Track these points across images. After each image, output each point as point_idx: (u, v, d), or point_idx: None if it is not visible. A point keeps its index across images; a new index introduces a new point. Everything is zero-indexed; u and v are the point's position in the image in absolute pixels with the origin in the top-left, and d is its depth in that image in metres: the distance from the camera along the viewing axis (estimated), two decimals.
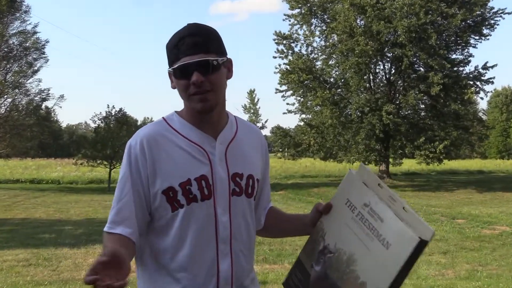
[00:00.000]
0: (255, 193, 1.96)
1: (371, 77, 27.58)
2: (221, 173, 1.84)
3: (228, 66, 1.89)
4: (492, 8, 26.29)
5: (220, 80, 1.82)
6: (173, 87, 1.86)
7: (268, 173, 2.13)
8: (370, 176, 1.82)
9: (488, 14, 26.22)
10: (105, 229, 1.81)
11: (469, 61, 26.80)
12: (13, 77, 29.09)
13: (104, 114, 28.30)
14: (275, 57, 28.04)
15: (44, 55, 29.72)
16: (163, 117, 1.93)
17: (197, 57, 1.76)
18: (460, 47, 27.07)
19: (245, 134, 1.99)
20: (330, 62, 27.61)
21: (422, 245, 1.57)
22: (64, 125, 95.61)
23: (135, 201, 1.81)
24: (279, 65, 28.04)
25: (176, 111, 1.94)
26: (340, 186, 1.90)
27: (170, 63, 1.82)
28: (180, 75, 1.79)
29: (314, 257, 1.85)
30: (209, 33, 1.82)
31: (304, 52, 28.03)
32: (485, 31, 26.47)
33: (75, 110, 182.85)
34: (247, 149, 1.96)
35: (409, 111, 27.05)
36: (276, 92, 28.56)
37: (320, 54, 28.36)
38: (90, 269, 1.35)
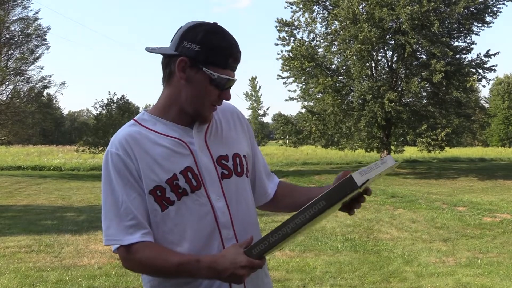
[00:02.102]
0: (246, 169, 1.94)
1: (373, 65, 27.49)
2: (205, 161, 1.83)
3: None
4: None
5: None
6: (183, 78, 1.80)
7: (255, 143, 2.11)
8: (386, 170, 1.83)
9: (490, 1, 26.06)
10: (109, 243, 1.79)
11: (472, 49, 26.68)
12: (14, 64, 29.01)
13: (105, 101, 28.32)
14: (277, 44, 27.95)
15: (45, 42, 29.64)
16: (133, 119, 1.91)
17: (235, 76, 1.83)
18: (462, 34, 26.93)
19: (221, 116, 1.98)
20: (332, 49, 27.49)
21: (350, 184, 1.63)
22: (65, 112, 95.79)
23: (140, 202, 1.78)
24: (281, 51, 27.97)
25: (145, 110, 1.92)
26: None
27: (212, 65, 1.78)
28: (218, 85, 1.79)
29: None
30: None
31: (306, 39, 27.95)
32: (487, 19, 26.34)
33: (77, 97, 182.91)
34: (226, 129, 1.96)
35: (411, 99, 26.99)
36: (278, 79, 28.49)
37: (322, 41, 28.27)
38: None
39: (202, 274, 1.73)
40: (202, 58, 1.76)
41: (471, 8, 25.53)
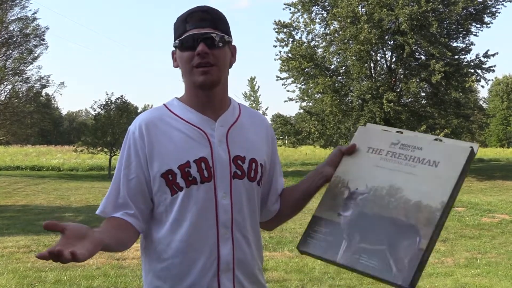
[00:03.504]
0: (259, 178, 1.91)
1: (371, 65, 27.49)
2: (221, 155, 1.83)
3: (232, 50, 1.92)
4: None
5: (224, 57, 1.85)
6: (176, 66, 1.89)
7: (278, 162, 2.09)
8: (386, 126, 1.86)
9: (489, 2, 26.08)
10: (98, 212, 1.84)
11: (470, 49, 26.69)
12: (13, 64, 29.02)
13: (103, 102, 28.33)
14: (275, 46, 27.93)
15: (44, 42, 29.65)
16: (163, 104, 1.94)
17: (205, 30, 1.79)
18: (461, 35, 26.94)
19: (249, 120, 1.97)
20: (331, 49, 27.48)
21: (472, 155, 1.67)
22: (64, 112, 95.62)
23: (136, 185, 1.81)
24: (279, 52, 27.95)
25: (176, 97, 1.94)
26: (354, 140, 1.90)
27: (177, 37, 1.84)
28: (185, 47, 1.81)
29: (338, 207, 1.78)
30: (219, 13, 1.87)
31: (305, 40, 27.93)
32: (486, 19, 26.34)
33: (76, 97, 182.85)
34: (250, 134, 1.94)
35: (410, 99, 27.00)
36: (277, 80, 28.46)
37: (320, 41, 28.26)
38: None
39: None
40: (174, 39, 1.86)
41: (470, 9, 25.56)
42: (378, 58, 27.82)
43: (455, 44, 26.86)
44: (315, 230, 1.80)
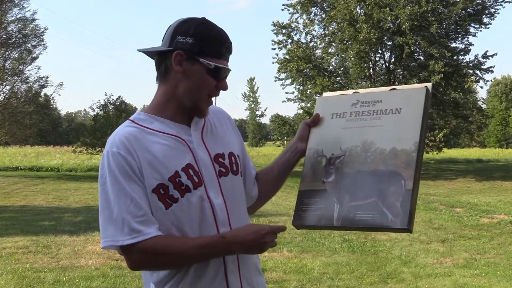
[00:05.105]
0: (240, 168, 1.98)
1: (370, 65, 27.50)
2: (203, 158, 1.85)
3: None
4: None
5: None
6: (180, 71, 1.82)
7: (244, 146, 2.14)
8: (343, 92, 1.96)
9: (488, 3, 26.12)
10: (139, 238, 1.72)
11: (469, 50, 26.74)
12: (12, 64, 29.01)
13: (102, 102, 28.33)
14: (273, 49, 27.95)
15: (43, 42, 29.65)
16: (129, 119, 1.89)
17: (228, 66, 1.87)
18: (460, 35, 26.98)
19: (214, 116, 2.01)
20: (329, 50, 27.48)
21: (428, 94, 1.76)
22: (63, 112, 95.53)
23: (146, 199, 1.76)
24: (277, 55, 28.00)
25: (140, 111, 1.93)
26: (316, 110, 2.00)
27: (207, 56, 1.82)
28: (215, 74, 1.83)
29: (320, 176, 1.89)
30: None
31: (304, 41, 27.93)
32: (485, 20, 26.39)
33: (74, 98, 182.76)
34: (220, 129, 1.99)
35: None
36: (275, 80, 28.52)
37: (319, 42, 28.26)
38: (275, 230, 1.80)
39: (228, 249, 1.77)
40: (197, 49, 1.80)
41: (468, 9, 25.58)
42: (377, 59, 27.84)
43: (454, 45, 26.90)
44: (305, 203, 1.89)
